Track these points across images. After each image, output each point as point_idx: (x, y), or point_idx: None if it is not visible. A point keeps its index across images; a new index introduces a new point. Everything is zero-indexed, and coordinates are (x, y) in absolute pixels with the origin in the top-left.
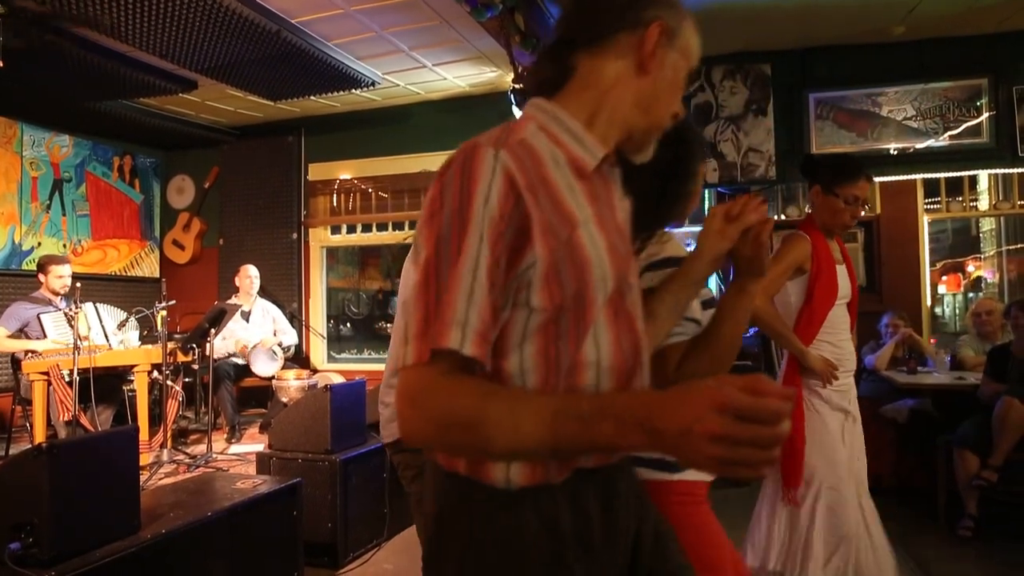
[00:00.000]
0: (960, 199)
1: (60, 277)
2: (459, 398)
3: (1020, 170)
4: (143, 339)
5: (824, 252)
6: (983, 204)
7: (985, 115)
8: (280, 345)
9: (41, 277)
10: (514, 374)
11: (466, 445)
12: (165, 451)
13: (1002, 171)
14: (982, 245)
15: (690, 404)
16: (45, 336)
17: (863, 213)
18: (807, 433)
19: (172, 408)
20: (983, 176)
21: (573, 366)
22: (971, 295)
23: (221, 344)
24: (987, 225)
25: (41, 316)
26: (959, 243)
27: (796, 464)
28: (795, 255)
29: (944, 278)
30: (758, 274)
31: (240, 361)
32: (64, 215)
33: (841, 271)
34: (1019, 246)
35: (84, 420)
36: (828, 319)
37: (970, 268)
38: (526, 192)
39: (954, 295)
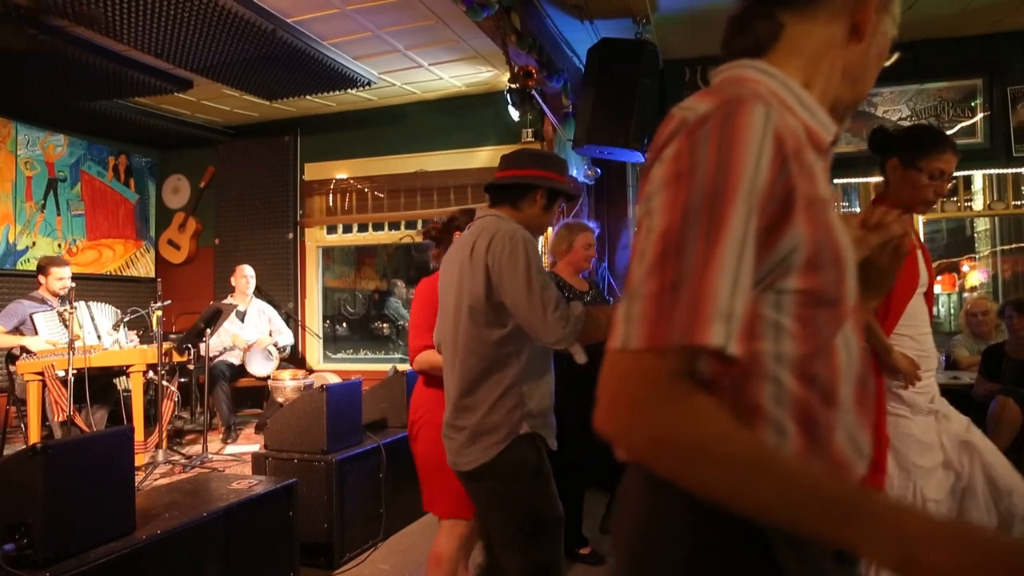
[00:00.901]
0: (955, 199)
1: (60, 279)
2: (697, 427)
3: (1014, 170)
4: (139, 339)
5: None
6: (978, 204)
7: (980, 115)
8: (276, 345)
9: (41, 278)
10: (768, 376)
11: (680, 475)
12: (161, 451)
13: (996, 171)
14: (976, 245)
15: (981, 552)
16: (37, 335)
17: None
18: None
19: (168, 408)
20: (977, 176)
21: (831, 375)
22: (966, 295)
23: (216, 340)
24: (981, 225)
25: (33, 315)
26: (954, 243)
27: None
28: None
29: (939, 278)
30: (885, 289)
31: (236, 361)
32: (59, 215)
33: (918, 256)
34: (1013, 246)
35: (79, 420)
36: (907, 310)
37: (965, 268)
38: (793, 159)
39: (949, 295)
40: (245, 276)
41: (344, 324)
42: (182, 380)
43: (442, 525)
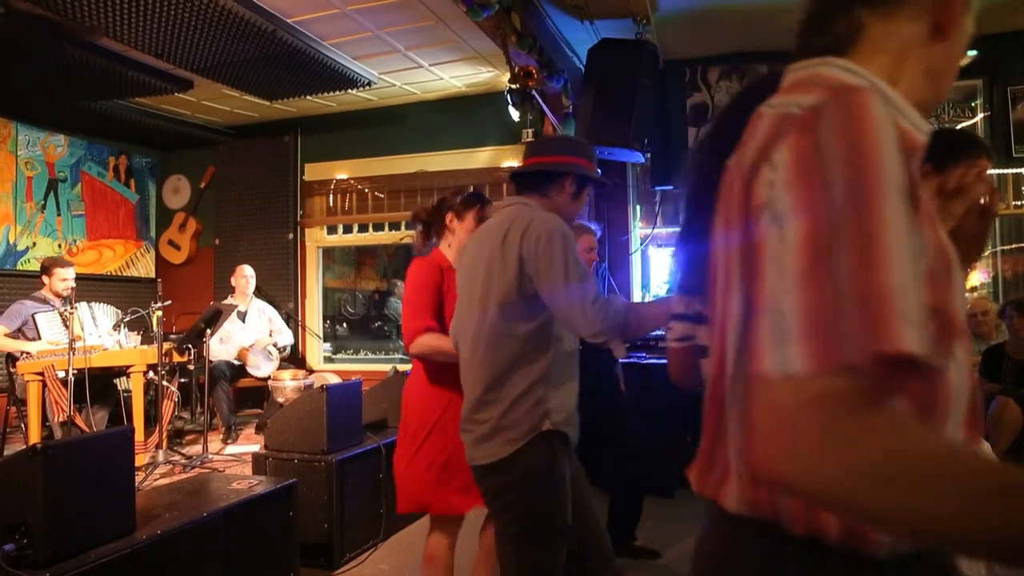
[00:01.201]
0: None
1: (64, 280)
2: (918, 451)
3: (1014, 170)
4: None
5: None
6: None
7: (980, 115)
8: (276, 345)
9: (44, 279)
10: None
11: (897, 509)
12: (161, 452)
13: (996, 171)
14: None
15: None
16: (39, 335)
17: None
18: None
19: (168, 409)
20: None
21: (945, 396)
22: (966, 295)
23: (222, 349)
24: None
25: (36, 315)
26: None
27: None
28: None
29: None
30: (975, 257)
31: (236, 361)
32: (59, 215)
33: None
34: (1013, 246)
35: (79, 421)
36: None
37: None
38: (910, 153)
39: None
40: (245, 276)
41: (344, 324)
42: (182, 380)
43: (432, 524)
